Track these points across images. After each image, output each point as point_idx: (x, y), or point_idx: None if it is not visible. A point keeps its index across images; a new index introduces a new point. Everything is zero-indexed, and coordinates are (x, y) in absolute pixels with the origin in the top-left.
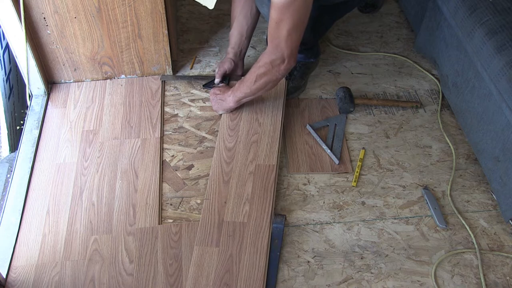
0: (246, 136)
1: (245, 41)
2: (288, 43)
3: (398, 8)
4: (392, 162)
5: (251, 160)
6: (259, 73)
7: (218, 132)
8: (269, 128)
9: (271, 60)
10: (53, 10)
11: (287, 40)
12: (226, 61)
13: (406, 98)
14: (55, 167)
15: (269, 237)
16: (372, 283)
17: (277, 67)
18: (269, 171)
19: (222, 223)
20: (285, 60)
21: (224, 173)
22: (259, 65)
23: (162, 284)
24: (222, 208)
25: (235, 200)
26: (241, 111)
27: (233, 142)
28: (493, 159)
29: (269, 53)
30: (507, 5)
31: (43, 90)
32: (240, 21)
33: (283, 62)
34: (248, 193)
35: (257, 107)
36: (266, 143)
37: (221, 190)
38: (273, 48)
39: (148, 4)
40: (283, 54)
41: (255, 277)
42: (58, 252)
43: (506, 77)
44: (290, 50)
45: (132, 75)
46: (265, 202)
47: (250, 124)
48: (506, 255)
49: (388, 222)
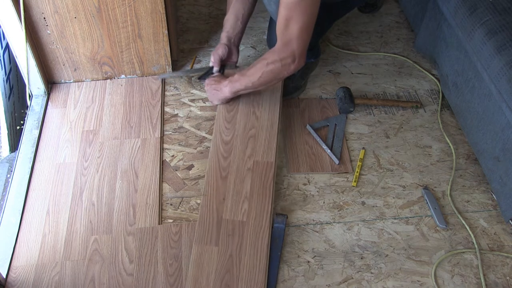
0: (243, 130)
1: (240, 26)
2: (299, 42)
3: (398, 8)
4: (392, 162)
5: (249, 155)
6: (266, 70)
7: (215, 124)
8: (267, 123)
9: (281, 58)
10: (53, 10)
11: (298, 38)
12: (220, 46)
13: (406, 98)
14: (55, 167)
15: (269, 237)
16: (372, 283)
17: (287, 66)
18: (267, 168)
19: (221, 221)
20: (295, 60)
21: (221, 168)
22: (267, 62)
23: (162, 284)
24: (221, 205)
25: (234, 197)
26: (238, 103)
27: (230, 135)
28: (493, 159)
29: (279, 51)
30: (507, 5)
31: (43, 90)
32: (237, 6)
33: (293, 62)
34: (247, 190)
35: (254, 100)
36: (264, 138)
37: (219, 186)
38: (283, 46)
39: (148, 4)
40: (294, 53)
41: (256, 278)
42: (58, 252)
43: (506, 77)
44: (301, 49)
45: (132, 75)
46: (265, 201)
47: (247, 117)
48: (506, 255)
49: (388, 222)
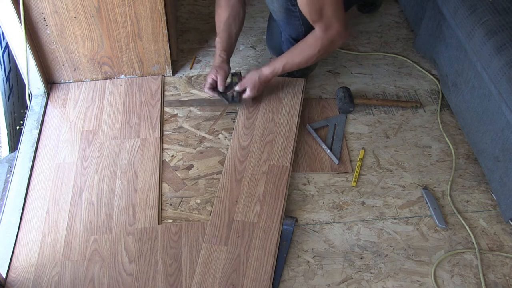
0: (261, 135)
1: (234, 45)
2: (339, 20)
3: (398, 8)
4: (391, 162)
5: (265, 160)
6: (319, 55)
7: (233, 130)
8: (285, 129)
9: (329, 39)
10: (53, 10)
11: (336, 18)
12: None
13: (406, 98)
14: (55, 167)
15: (278, 239)
16: (372, 283)
17: (337, 43)
18: (282, 172)
19: (232, 222)
20: (342, 34)
21: (237, 171)
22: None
23: (161, 284)
24: (233, 207)
25: (247, 199)
26: (258, 110)
27: (248, 140)
28: (493, 159)
29: (322, 36)
30: (507, 5)
31: (43, 90)
32: (229, 25)
33: (341, 38)
34: (260, 193)
35: (274, 106)
36: (281, 143)
37: (233, 188)
38: (326, 29)
39: (148, 4)
40: (339, 30)
41: (262, 278)
42: (58, 252)
43: (506, 77)
44: (343, 24)
45: (132, 75)
46: (276, 203)
47: (265, 123)
48: (506, 255)
49: (388, 222)
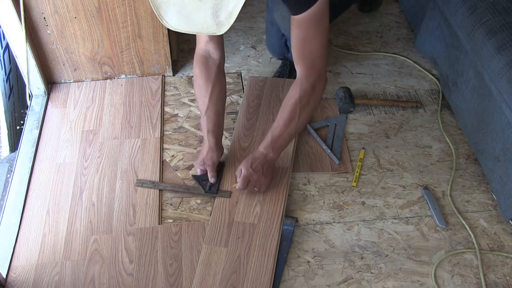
0: (261, 136)
1: (223, 124)
2: (322, 58)
3: (398, 8)
4: (392, 162)
5: None
6: (302, 105)
7: (234, 132)
8: None
9: (311, 82)
10: (53, 10)
11: (320, 56)
12: (210, 153)
13: (406, 98)
14: (55, 167)
15: (278, 241)
16: (372, 283)
17: (318, 88)
18: (282, 173)
19: (232, 223)
20: (322, 77)
21: None
22: (298, 96)
23: (162, 284)
24: (233, 208)
25: (247, 200)
26: (258, 111)
27: (248, 142)
28: (493, 159)
29: (306, 76)
30: (507, 5)
31: (43, 90)
32: (215, 100)
33: (321, 80)
34: (260, 194)
35: (274, 108)
36: None
37: (234, 190)
38: (307, 69)
39: (148, 4)
40: (320, 71)
41: (262, 279)
42: (58, 252)
43: (506, 77)
44: (324, 65)
45: (132, 75)
46: (277, 205)
47: (266, 124)
48: (506, 255)
49: (388, 222)
